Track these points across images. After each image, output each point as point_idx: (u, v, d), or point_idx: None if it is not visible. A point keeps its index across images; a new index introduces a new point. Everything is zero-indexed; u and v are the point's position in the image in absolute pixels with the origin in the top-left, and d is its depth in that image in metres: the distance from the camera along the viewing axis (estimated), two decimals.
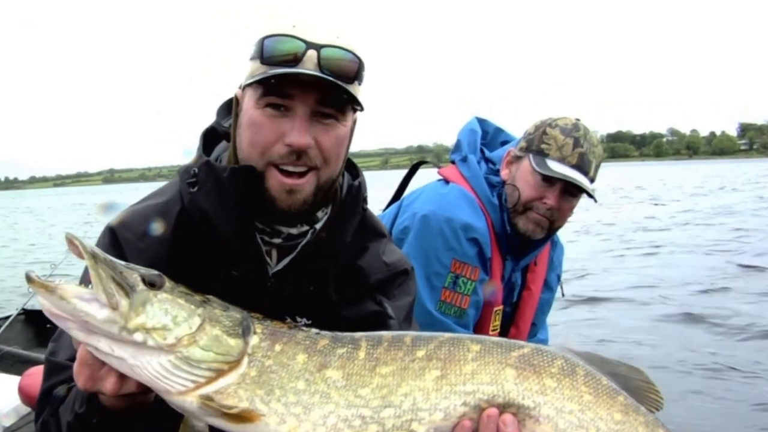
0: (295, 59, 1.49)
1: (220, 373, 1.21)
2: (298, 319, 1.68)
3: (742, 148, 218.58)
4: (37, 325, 5.74)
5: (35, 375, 3.02)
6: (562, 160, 2.45)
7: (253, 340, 1.26)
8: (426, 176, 2.90)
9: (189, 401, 1.20)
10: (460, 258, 2.48)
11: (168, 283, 1.27)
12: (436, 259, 2.48)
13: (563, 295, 3.05)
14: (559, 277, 2.98)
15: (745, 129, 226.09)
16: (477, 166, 2.66)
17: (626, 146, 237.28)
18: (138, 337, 1.18)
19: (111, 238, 1.61)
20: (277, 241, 1.63)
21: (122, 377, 1.24)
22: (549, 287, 2.93)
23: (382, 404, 1.25)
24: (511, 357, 1.32)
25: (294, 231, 1.63)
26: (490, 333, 2.66)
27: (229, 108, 1.74)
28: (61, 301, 1.16)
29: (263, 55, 1.52)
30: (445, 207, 2.52)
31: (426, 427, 1.26)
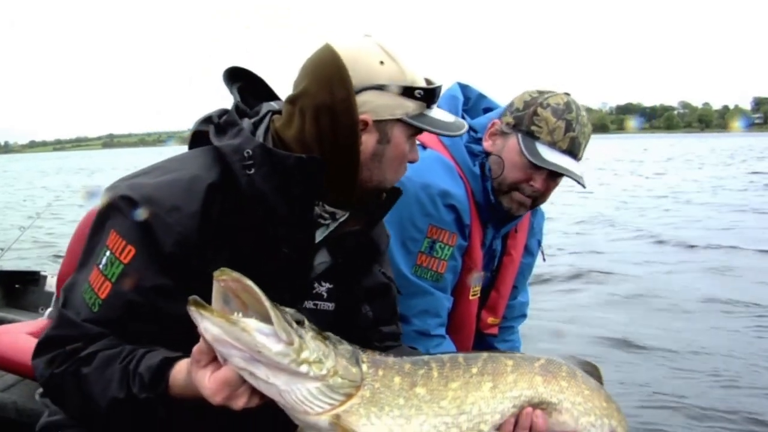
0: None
1: (349, 397, 1.45)
2: (323, 284, 1.89)
3: (757, 122, 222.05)
4: (4, 285, 5.52)
5: (2, 334, 3.01)
6: (552, 144, 2.43)
7: (364, 367, 1.50)
8: None
9: (323, 420, 1.43)
10: (437, 224, 2.49)
11: (306, 321, 1.44)
12: (411, 225, 2.49)
13: (544, 260, 3.09)
14: (539, 243, 3.01)
15: (759, 103, 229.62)
16: None
17: (635, 118, 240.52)
18: (303, 368, 1.36)
19: (134, 212, 1.62)
20: (326, 221, 1.81)
21: (251, 397, 1.41)
22: (530, 252, 2.96)
23: (458, 412, 1.58)
24: (535, 367, 1.72)
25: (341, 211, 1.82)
26: (470, 298, 2.69)
27: (233, 78, 1.89)
28: (242, 333, 1.30)
29: (431, 100, 1.78)
30: (422, 173, 2.47)
31: (489, 426, 1.63)
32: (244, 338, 1.31)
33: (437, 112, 1.82)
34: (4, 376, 3.23)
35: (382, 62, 1.71)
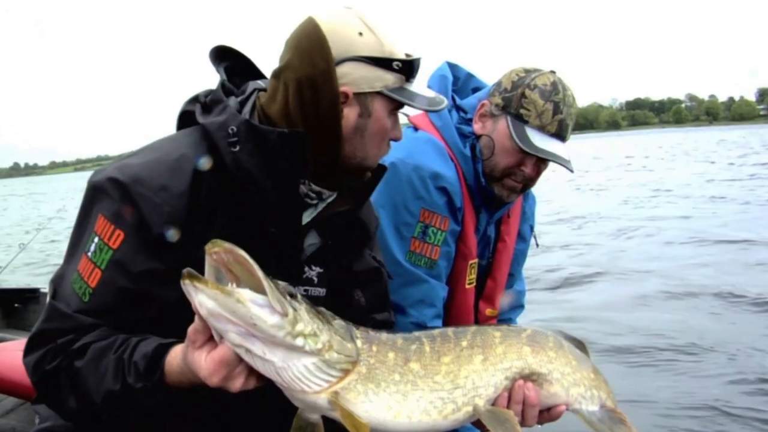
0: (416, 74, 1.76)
1: (346, 373, 1.42)
2: (313, 268, 1.84)
3: (762, 113, 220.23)
4: (3, 304, 5.32)
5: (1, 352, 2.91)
6: (541, 128, 2.41)
7: (358, 343, 1.47)
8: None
9: (322, 398, 1.39)
10: (429, 207, 2.44)
11: (299, 294, 1.40)
12: (404, 209, 2.44)
13: (537, 245, 3.03)
14: (532, 228, 2.96)
15: (763, 94, 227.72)
16: (448, 116, 2.58)
17: (646, 113, 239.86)
18: (299, 342, 1.32)
19: (122, 194, 1.58)
20: (313, 201, 1.78)
21: (248, 378, 1.37)
22: (523, 238, 2.91)
23: (453, 386, 1.57)
24: (522, 338, 1.71)
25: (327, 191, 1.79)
26: (467, 287, 2.63)
27: (219, 57, 1.85)
28: (237, 304, 1.25)
29: (410, 73, 1.73)
30: (413, 155, 2.47)
31: (484, 400, 1.61)
32: (239, 310, 1.26)
33: (418, 87, 1.79)
34: (2, 401, 3.11)
35: (361, 33, 1.69)
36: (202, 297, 1.26)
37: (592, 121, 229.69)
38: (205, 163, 1.63)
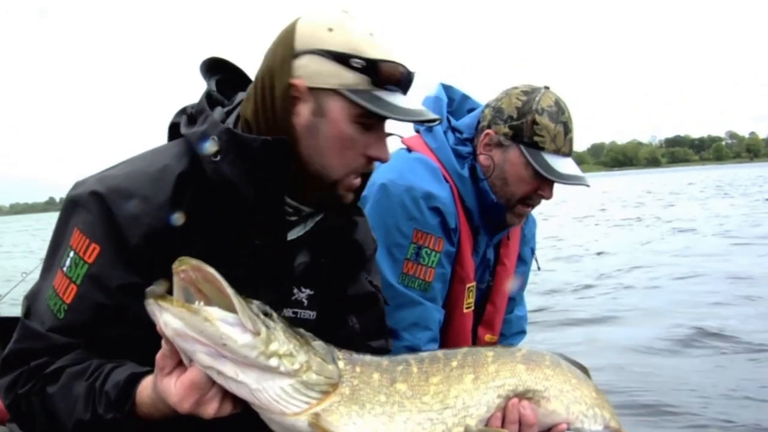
0: (398, 84, 1.57)
1: (326, 395, 1.36)
2: (303, 290, 1.75)
3: None
4: (5, 336, 3.87)
5: None
6: (557, 151, 2.40)
7: (340, 364, 1.41)
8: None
9: (302, 421, 1.32)
10: (422, 228, 2.39)
11: (275, 314, 1.34)
12: (396, 230, 2.39)
13: (539, 268, 2.96)
14: (533, 251, 2.90)
15: None
16: (443, 137, 2.55)
17: (686, 150, 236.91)
18: (273, 362, 1.26)
19: (100, 206, 1.53)
20: (292, 217, 1.67)
21: (222, 402, 1.30)
22: (523, 261, 2.85)
23: (442, 407, 1.49)
24: (517, 356, 1.64)
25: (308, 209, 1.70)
26: (465, 311, 2.57)
27: (211, 69, 1.76)
28: (204, 323, 1.19)
29: (379, 77, 1.53)
30: (405, 175, 2.42)
31: (476, 420, 1.53)
32: (208, 329, 1.20)
33: (396, 98, 1.59)
34: None
35: (330, 29, 1.54)
36: (168, 316, 1.21)
37: (631, 158, 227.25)
38: (210, 146, 1.54)
